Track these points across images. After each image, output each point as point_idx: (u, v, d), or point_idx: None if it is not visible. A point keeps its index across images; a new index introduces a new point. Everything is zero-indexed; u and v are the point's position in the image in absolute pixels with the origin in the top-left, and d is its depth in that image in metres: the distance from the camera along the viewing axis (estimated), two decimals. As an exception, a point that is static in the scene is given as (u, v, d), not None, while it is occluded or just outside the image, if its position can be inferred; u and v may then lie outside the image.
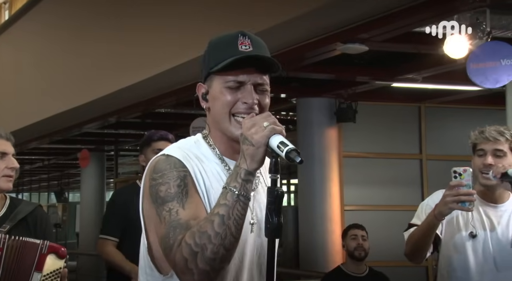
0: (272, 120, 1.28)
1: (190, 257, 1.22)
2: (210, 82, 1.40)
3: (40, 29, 8.00)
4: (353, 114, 6.06)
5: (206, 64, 1.40)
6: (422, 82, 5.63)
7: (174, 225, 1.27)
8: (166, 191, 1.31)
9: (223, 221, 1.23)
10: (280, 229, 1.25)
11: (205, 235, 1.22)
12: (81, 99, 6.63)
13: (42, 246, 1.86)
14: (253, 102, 1.35)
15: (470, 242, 2.15)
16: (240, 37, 1.37)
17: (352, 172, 6.28)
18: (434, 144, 6.60)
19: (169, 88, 5.75)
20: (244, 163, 1.26)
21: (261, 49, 1.39)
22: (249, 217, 1.36)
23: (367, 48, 4.35)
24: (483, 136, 2.19)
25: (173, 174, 1.32)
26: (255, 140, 1.25)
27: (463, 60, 4.04)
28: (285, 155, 1.24)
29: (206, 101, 1.41)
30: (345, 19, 3.82)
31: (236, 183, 1.26)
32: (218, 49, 1.38)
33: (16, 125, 8.10)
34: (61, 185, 18.41)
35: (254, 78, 1.36)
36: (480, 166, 2.18)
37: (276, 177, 1.27)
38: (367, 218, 5.16)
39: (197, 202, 1.32)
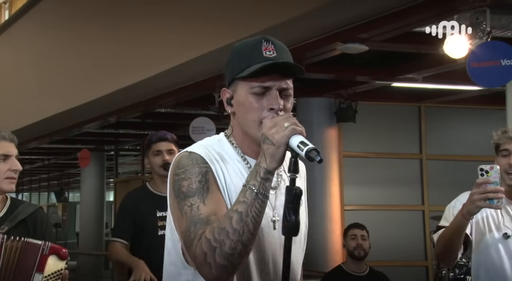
0: (293, 121, 1.32)
1: (209, 252, 1.27)
2: (234, 87, 1.43)
3: (40, 29, 8.00)
4: (353, 114, 6.06)
5: (230, 69, 1.43)
6: (422, 82, 5.63)
7: (195, 220, 1.31)
8: (188, 187, 1.35)
9: (241, 218, 1.27)
10: (297, 227, 1.28)
11: (223, 231, 1.26)
12: (81, 99, 6.63)
13: (43, 247, 1.86)
14: (279, 108, 1.39)
15: (504, 243, 2.13)
16: (264, 42, 1.40)
17: (352, 172, 6.28)
18: (434, 144, 6.60)
19: (169, 88, 5.75)
20: (264, 162, 1.30)
21: (284, 54, 1.43)
22: (271, 215, 1.42)
23: (367, 48, 4.35)
24: (506, 136, 2.17)
25: (195, 170, 1.37)
26: (276, 140, 1.29)
27: (463, 60, 4.04)
28: (305, 154, 1.27)
29: (231, 106, 1.44)
30: (345, 19, 3.82)
31: (255, 181, 1.29)
32: (242, 55, 1.41)
33: (16, 125, 8.11)
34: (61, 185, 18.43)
35: (279, 83, 1.40)
36: (505, 166, 2.15)
37: (295, 176, 1.30)
38: (367, 218, 5.15)
39: (217, 198, 1.36)
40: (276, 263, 1.42)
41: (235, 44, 1.46)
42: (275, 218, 1.42)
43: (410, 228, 6.48)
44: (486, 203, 1.95)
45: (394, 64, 5.45)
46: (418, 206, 6.53)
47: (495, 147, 2.22)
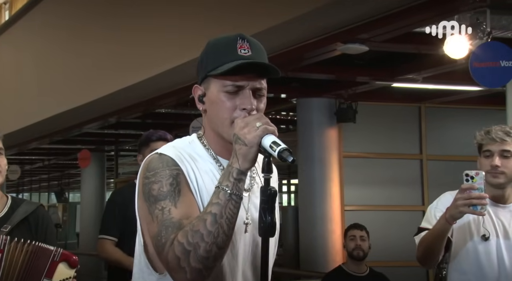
0: (265, 120, 1.29)
1: (182, 256, 1.24)
2: (207, 85, 1.40)
3: (40, 29, 8.00)
4: (353, 114, 6.06)
5: (203, 66, 1.40)
6: (422, 82, 5.62)
7: (167, 224, 1.28)
8: (159, 190, 1.32)
9: (216, 219, 1.24)
10: (273, 228, 1.26)
11: (197, 233, 1.24)
12: (81, 99, 6.63)
13: (55, 253, 1.85)
14: (251, 108, 1.35)
15: (482, 245, 2.13)
16: (239, 40, 1.37)
17: (352, 172, 6.28)
18: (435, 144, 6.60)
19: (169, 88, 5.75)
20: (236, 162, 1.27)
21: (260, 53, 1.39)
22: (243, 217, 1.38)
23: (367, 48, 4.35)
24: (489, 137, 2.17)
25: (166, 172, 1.33)
26: (248, 140, 1.27)
27: (463, 60, 4.04)
28: (278, 154, 1.25)
29: (202, 103, 1.41)
30: (345, 20, 3.82)
31: (228, 182, 1.27)
32: (217, 52, 1.38)
33: (16, 125, 8.11)
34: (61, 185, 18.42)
35: (253, 83, 1.36)
36: (487, 168, 2.16)
37: (268, 177, 1.28)
38: (367, 218, 5.15)
39: (189, 200, 1.33)
40: (247, 266, 1.40)
41: (210, 40, 1.42)
42: (248, 220, 1.39)
43: (410, 228, 6.40)
44: (470, 209, 1.96)
45: (394, 65, 5.45)
46: (419, 206, 6.52)
47: (478, 147, 2.23)
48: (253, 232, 1.40)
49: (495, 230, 2.15)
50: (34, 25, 8.10)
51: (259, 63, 1.36)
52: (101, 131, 9.02)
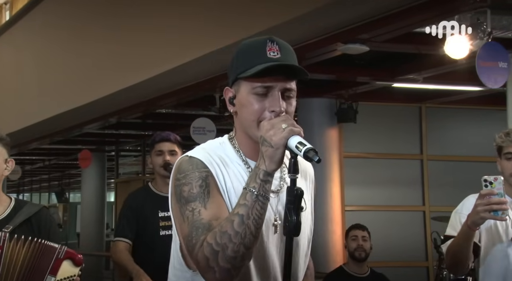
0: (291, 122, 1.32)
1: (211, 256, 1.27)
2: (237, 87, 1.42)
3: (41, 29, 8.01)
4: (354, 114, 6.06)
5: (234, 69, 1.42)
6: (422, 83, 5.62)
7: (197, 225, 1.32)
8: (189, 191, 1.36)
9: (243, 220, 1.27)
10: (298, 228, 1.28)
11: (225, 234, 1.27)
12: (82, 99, 6.64)
13: (59, 250, 1.87)
14: (280, 110, 1.37)
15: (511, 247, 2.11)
16: (269, 43, 1.39)
17: (352, 172, 6.27)
18: (435, 145, 6.60)
19: (170, 89, 5.75)
20: (263, 164, 1.30)
21: (289, 55, 1.41)
22: (272, 219, 1.41)
23: (368, 49, 4.35)
24: (510, 139, 2.15)
25: (195, 174, 1.37)
26: (274, 142, 1.29)
27: (463, 61, 4.04)
28: (303, 154, 1.27)
29: (233, 105, 1.44)
30: (345, 20, 3.82)
31: (255, 183, 1.29)
32: (247, 55, 1.40)
33: (17, 125, 8.11)
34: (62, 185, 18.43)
35: (282, 84, 1.39)
36: (510, 171, 2.15)
37: (295, 177, 1.30)
38: (367, 219, 5.15)
39: (218, 202, 1.36)
40: (275, 267, 1.42)
41: (240, 43, 1.45)
42: (277, 222, 1.41)
43: (411, 228, 6.47)
44: (491, 215, 1.95)
45: (395, 65, 5.45)
46: (419, 206, 6.52)
47: (498, 149, 2.21)
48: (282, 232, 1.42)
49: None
50: (35, 25, 8.10)
51: (288, 65, 1.38)
52: (102, 131, 9.03)
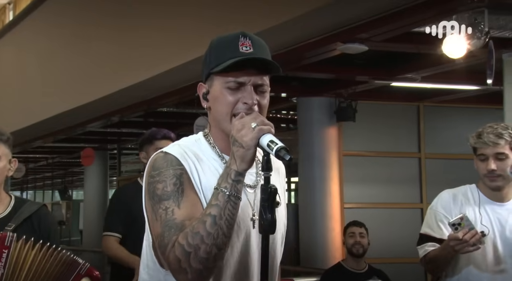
0: (260, 120, 1.28)
1: (183, 257, 1.25)
2: (211, 82, 1.40)
3: (44, 29, 8.00)
4: (353, 113, 6.06)
5: (207, 64, 1.41)
6: (421, 82, 5.62)
7: (170, 225, 1.29)
8: (163, 190, 1.33)
9: (215, 221, 1.25)
10: (273, 226, 1.26)
11: (198, 235, 1.24)
12: (85, 98, 6.64)
13: (82, 266, 1.90)
14: (252, 103, 1.35)
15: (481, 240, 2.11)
16: (241, 38, 1.37)
17: (351, 170, 6.27)
18: (433, 143, 6.60)
19: (171, 88, 5.75)
20: (234, 164, 1.27)
21: (261, 50, 1.39)
22: (250, 214, 1.39)
23: (367, 48, 4.34)
24: (481, 141, 2.16)
25: (170, 172, 1.34)
26: (245, 142, 1.26)
27: (461, 60, 4.03)
28: (275, 153, 1.25)
29: (206, 101, 1.42)
30: (344, 19, 3.82)
31: (226, 183, 1.27)
32: (219, 49, 1.38)
33: (21, 124, 8.11)
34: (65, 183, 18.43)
35: (254, 79, 1.37)
36: (484, 171, 2.16)
37: (268, 175, 1.28)
38: (366, 216, 5.15)
39: (192, 200, 1.33)
40: (254, 262, 1.40)
41: (214, 38, 1.43)
42: (255, 217, 1.39)
43: (409, 226, 6.46)
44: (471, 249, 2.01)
45: (393, 64, 5.45)
46: (417, 204, 6.52)
47: (473, 149, 2.22)
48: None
49: (492, 227, 2.15)
50: (38, 25, 8.10)
51: (259, 59, 1.35)
52: (104, 130, 9.03)
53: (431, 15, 3.63)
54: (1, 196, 2.06)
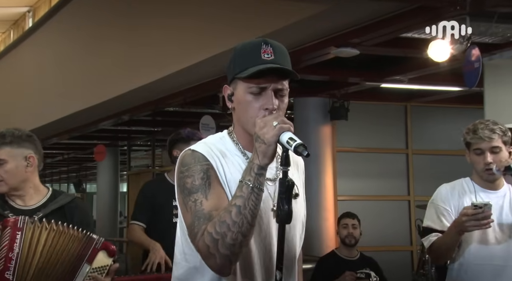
0: (281, 119, 1.31)
1: (211, 244, 1.29)
2: (235, 85, 1.43)
3: (60, 35, 8.00)
4: (346, 112, 6.05)
5: (231, 69, 1.43)
6: (408, 83, 5.62)
7: (199, 215, 1.33)
8: (192, 183, 1.37)
9: (240, 211, 1.28)
10: (290, 216, 1.29)
11: (224, 224, 1.28)
12: (97, 99, 6.64)
13: (97, 241, 1.87)
14: (273, 108, 1.38)
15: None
16: (263, 45, 1.39)
17: (344, 165, 6.28)
18: (419, 140, 6.60)
19: (177, 89, 5.76)
20: (256, 159, 1.30)
21: (282, 57, 1.41)
22: (270, 205, 1.42)
23: (358, 52, 4.35)
24: (477, 136, 2.15)
25: (197, 167, 1.38)
26: (266, 139, 1.29)
27: (445, 63, 4.04)
28: (294, 149, 1.28)
29: (231, 102, 1.45)
30: (338, 26, 3.82)
31: (250, 177, 1.30)
32: (242, 56, 1.41)
33: (39, 122, 8.12)
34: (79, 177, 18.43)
35: (275, 84, 1.39)
36: (481, 166, 2.16)
37: (287, 169, 1.30)
38: (358, 208, 5.15)
39: (219, 192, 1.37)
40: (272, 248, 1.42)
41: (238, 44, 1.45)
42: (275, 207, 1.40)
43: (397, 216, 6.48)
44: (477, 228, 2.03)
45: (383, 67, 5.45)
46: (404, 196, 6.53)
47: (466, 144, 2.22)
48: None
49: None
50: (55, 31, 8.10)
51: (279, 69, 1.39)
52: (115, 127, 9.03)
53: (417, 22, 3.64)
54: (39, 188, 2.05)
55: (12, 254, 1.78)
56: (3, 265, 1.78)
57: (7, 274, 1.77)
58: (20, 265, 1.79)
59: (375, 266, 3.81)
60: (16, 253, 1.78)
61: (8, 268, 1.77)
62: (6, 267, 1.77)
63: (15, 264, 1.78)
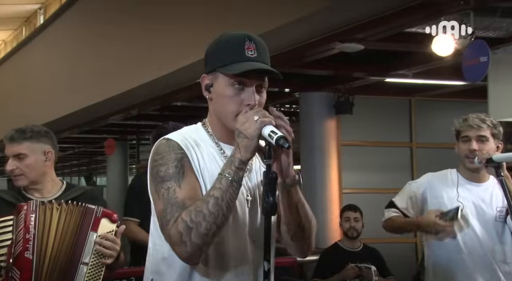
0: (262, 113, 1.30)
1: (184, 232, 1.27)
2: (214, 77, 1.40)
3: (71, 31, 8.02)
4: (350, 106, 6.03)
5: (212, 59, 1.40)
6: (412, 78, 5.59)
7: (172, 202, 1.31)
8: (165, 171, 1.34)
9: (217, 202, 1.27)
10: (275, 207, 1.28)
11: (200, 213, 1.27)
12: (107, 93, 6.65)
13: (97, 210, 1.93)
14: (254, 104, 1.37)
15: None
16: (247, 41, 1.37)
17: (349, 159, 6.26)
18: (423, 134, 6.57)
19: (184, 84, 5.75)
20: (238, 153, 1.29)
21: (264, 54, 1.39)
22: (245, 194, 1.41)
23: (363, 47, 4.32)
24: (466, 124, 2.16)
25: (171, 156, 1.35)
26: (249, 133, 1.28)
27: (449, 58, 4.01)
28: (275, 142, 1.27)
29: (209, 92, 1.42)
30: (342, 21, 3.79)
31: (230, 170, 1.29)
32: (226, 50, 1.38)
33: (50, 117, 8.16)
34: (90, 170, 18.53)
35: (257, 81, 1.38)
36: (466, 152, 2.16)
37: (270, 162, 1.30)
38: (362, 200, 5.15)
39: (192, 182, 1.35)
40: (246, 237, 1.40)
41: (222, 35, 1.41)
42: (249, 197, 1.41)
43: (401, 209, 6.46)
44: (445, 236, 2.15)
45: (387, 61, 5.42)
46: (406, 186, 6.50)
47: (456, 134, 2.23)
48: (256, 207, 1.43)
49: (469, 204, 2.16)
50: (66, 27, 8.12)
51: (262, 70, 1.37)
52: (124, 122, 9.06)
53: (422, 17, 3.61)
54: (55, 181, 2.10)
55: (29, 235, 1.85)
56: (22, 246, 1.84)
57: (26, 253, 1.84)
58: (38, 245, 1.86)
59: (378, 257, 3.80)
60: (32, 234, 1.86)
61: (27, 249, 1.84)
62: (25, 247, 1.84)
63: (33, 244, 1.85)
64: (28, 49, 9.79)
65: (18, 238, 1.85)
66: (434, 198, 2.19)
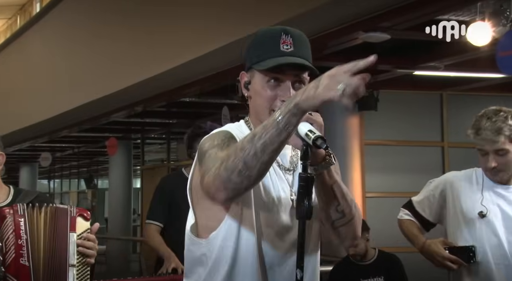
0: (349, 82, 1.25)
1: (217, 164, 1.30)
2: (252, 74, 1.46)
3: (70, 21, 8.08)
4: (375, 102, 6.00)
5: (249, 57, 1.46)
6: (444, 70, 5.54)
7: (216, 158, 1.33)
8: (210, 144, 1.39)
9: (253, 138, 1.26)
10: (310, 211, 1.30)
11: (233, 147, 1.31)
12: (109, 89, 6.70)
13: (71, 209, 2.00)
14: None
15: (480, 221, 2.12)
16: (283, 35, 1.42)
17: (373, 159, 6.23)
18: (456, 132, 6.50)
19: (193, 78, 5.77)
20: (299, 96, 1.25)
21: (302, 48, 1.43)
22: (289, 194, 1.46)
23: (389, 37, 4.29)
24: (478, 138, 2.10)
25: (220, 134, 1.42)
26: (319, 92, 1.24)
27: (485, 48, 3.96)
28: (312, 142, 1.30)
29: (247, 90, 1.48)
30: (366, 8, 3.77)
31: (281, 110, 1.25)
32: (261, 45, 1.43)
33: (47, 114, 8.24)
34: (90, 172, 18.66)
35: (293, 77, 1.42)
36: (484, 167, 2.14)
37: (306, 163, 1.32)
38: (388, 205, 5.12)
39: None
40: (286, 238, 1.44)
41: (259, 30, 1.47)
42: (293, 197, 1.45)
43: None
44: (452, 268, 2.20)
45: (416, 52, 5.37)
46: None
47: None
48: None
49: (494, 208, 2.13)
50: (64, 16, 8.18)
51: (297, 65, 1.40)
52: (128, 119, 9.10)
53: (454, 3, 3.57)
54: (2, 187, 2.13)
55: (22, 241, 1.90)
56: (15, 253, 1.88)
57: (22, 260, 1.89)
58: (33, 250, 1.91)
59: (395, 266, 3.74)
60: (25, 239, 1.91)
61: (22, 255, 1.89)
62: (19, 254, 1.89)
63: (27, 249, 1.90)
64: (23, 39, 9.89)
65: (9, 244, 1.88)
66: (455, 199, 2.17)
